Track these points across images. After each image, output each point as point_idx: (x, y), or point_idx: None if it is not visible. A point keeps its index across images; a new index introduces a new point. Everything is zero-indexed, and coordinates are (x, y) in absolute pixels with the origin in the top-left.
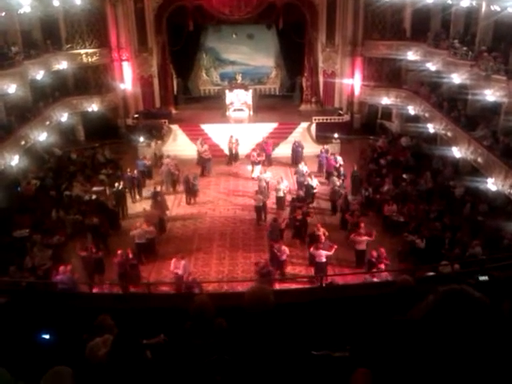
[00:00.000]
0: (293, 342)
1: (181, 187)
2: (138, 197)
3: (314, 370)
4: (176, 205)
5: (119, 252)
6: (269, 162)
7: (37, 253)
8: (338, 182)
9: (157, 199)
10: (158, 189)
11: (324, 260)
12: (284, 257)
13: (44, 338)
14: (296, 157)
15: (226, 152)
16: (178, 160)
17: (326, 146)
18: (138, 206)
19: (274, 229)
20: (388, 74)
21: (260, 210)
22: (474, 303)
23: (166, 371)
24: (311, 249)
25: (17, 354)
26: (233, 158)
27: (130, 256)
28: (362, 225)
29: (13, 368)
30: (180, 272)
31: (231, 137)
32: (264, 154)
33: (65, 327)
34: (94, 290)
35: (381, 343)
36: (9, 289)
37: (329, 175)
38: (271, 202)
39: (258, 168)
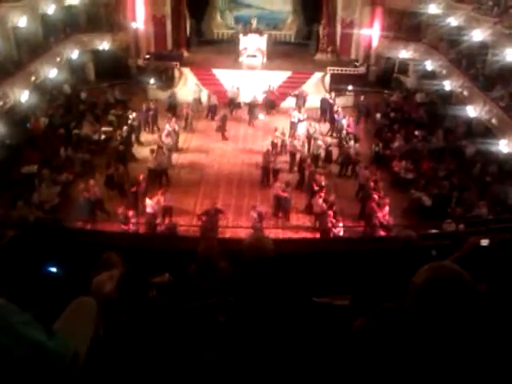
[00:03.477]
0: (293, 288)
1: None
2: (154, 128)
3: (314, 316)
4: (187, 144)
5: (140, 178)
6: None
7: (45, 189)
8: (355, 145)
9: (174, 133)
10: (177, 125)
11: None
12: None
13: (51, 271)
14: (330, 113)
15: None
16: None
17: (338, 108)
18: (151, 138)
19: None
20: (408, 28)
21: (269, 171)
22: (465, 291)
23: (169, 310)
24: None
25: (24, 286)
26: (268, 106)
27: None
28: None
29: (19, 299)
30: (167, 203)
31: (269, 85)
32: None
33: (72, 262)
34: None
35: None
36: (17, 223)
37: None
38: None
39: (303, 125)
